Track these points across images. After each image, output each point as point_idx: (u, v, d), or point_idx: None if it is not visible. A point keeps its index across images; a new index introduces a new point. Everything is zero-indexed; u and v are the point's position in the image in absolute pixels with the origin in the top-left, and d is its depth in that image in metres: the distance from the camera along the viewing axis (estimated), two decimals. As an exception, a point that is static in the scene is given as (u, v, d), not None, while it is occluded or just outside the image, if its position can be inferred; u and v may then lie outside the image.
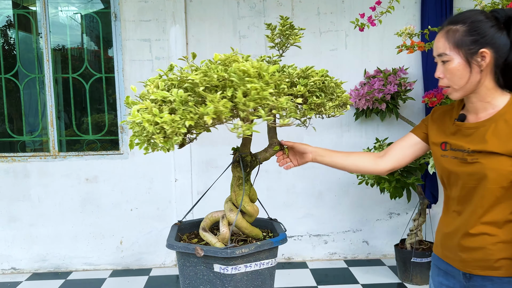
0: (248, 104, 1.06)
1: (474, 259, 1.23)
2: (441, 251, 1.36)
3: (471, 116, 1.28)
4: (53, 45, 3.48)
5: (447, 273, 1.35)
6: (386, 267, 3.43)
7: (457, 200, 1.28)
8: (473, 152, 1.21)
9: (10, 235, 3.44)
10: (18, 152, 3.49)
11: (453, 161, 1.26)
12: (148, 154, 3.80)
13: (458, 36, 1.19)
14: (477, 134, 1.22)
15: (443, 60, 1.22)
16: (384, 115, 3.28)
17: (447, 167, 1.28)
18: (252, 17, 3.41)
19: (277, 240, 1.42)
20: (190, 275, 1.40)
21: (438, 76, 1.25)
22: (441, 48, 1.21)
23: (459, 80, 1.20)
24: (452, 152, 1.27)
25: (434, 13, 3.33)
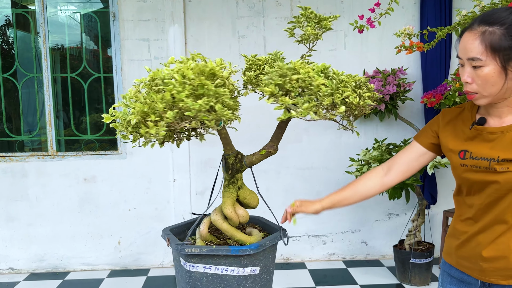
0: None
1: (496, 269, 1.19)
2: (455, 260, 1.30)
3: (492, 119, 1.19)
4: (51, 45, 3.47)
5: (461, 281, 1.30)
6: (385, 268, 3.42)
7: (479, 208, 1.21)
8: (503, 161, 1.12)
9: (7, 235, 3.43)
10: (16, 151, 3.48)
11: (475, 170, 1.18)
12: (146, 154, 3.76)
13: (495, 39, 1.07)
14: (503, 140, 1.14)
15: (474, 65, 1.10)
16: (383, 115, 3.27)
17: (469, 177, 1.20)
18: (251, 17, 3.40)
19: (237, 249, 1.37)
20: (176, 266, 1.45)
21: (466, 81, 1.14)
22: (474, 52, 1.09)
23: (491, 87, 1.10)
24: (473, 161, 1.18)
25: (433, 14, 3.32)
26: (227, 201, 1.54)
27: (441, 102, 2.84)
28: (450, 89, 3.01)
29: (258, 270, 1.42)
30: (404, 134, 3.47)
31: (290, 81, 1.29)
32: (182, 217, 3.45)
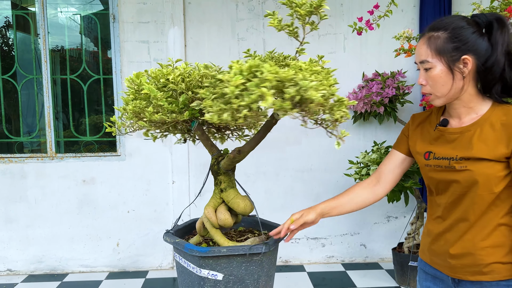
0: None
1: (463, 265, 1.24)
2: (428, 257, 1.35)
3: (453, 120, 1.26)
4: (51, 46, 3.48)
5: (435, 278, 1.35)
6: (384, 271, 3.42)
7: (444, 207, 1.27)
8: (461, 159, 1.19)
9: (6, 236, 3.42)
10: (15, 153, 3.48)
11: (438, 170, 1.25)
12: (145, 156, 3.76)
13: (439, 43, 1.18)
14: (462, 140, 1.21)
15: (425, 68, 1.21)
16: (382, 118, 3.27)
17: (433, 176, 1.27)
18: (251, 19, 3.41)
19: (188, 247, 1.42)
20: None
21: (420, 83, 1.24)
22: (423, 55, 1.20)
23: (442, 87, 1.19)
24: (435, 161, 1.25)
25: (432, 17, 3.33)
26: (209, 202, 1.57)
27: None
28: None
29: (221, 277, 1.41)
30: (403, 137, 3.47)
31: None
32: (181, 219, 3.44)
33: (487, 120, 1.19)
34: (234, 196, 1.56)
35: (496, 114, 1.19)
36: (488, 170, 1.16)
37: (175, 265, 3.52)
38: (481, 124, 1.19)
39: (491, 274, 1.20)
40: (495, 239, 1.20)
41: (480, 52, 1.16)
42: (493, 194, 1.18)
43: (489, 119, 1.19)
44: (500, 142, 1.16)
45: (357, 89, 3.38)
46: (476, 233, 1.21)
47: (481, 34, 1.17)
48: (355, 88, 3.41)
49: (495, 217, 1.20)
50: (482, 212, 1.20)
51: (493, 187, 1.17)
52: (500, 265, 1.19)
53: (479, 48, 1.16)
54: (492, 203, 1.19)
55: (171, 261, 3.53)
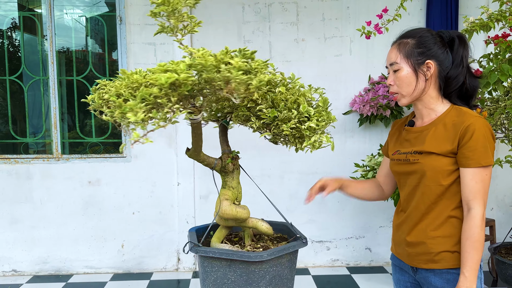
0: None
1: (418, 253, 1.36)
2: (394, 249, 1.49)
3: (418, 121, 1.42)
4: (58, 48, 3.49)
5: (401, 269, 1.48)
6: (389, 275, 3.40)
7: (404, 199, 1.42)
8: (414, 153, 1.35)
9: (11, 237, 3.43)
10: (21, 154, 3.49)
11: (398, 163, 1.41)
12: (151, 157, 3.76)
13: (408, 48, 1.34)
14: (420, 137, 1.36)
15: (394, 70, 1.35)
16: (388, 121, 3.26)
17: (395, 169, 1.44)
18: (257, 22, 3.41)
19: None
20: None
21: (388, 83, 1.39)
22: (393, 58, 1.36)
23: (407, 87, 1.34)
24: (397, 155, 1.42)
25: (439, 21, 3.32)
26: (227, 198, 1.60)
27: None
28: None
29: None
30: (409, 140, 3.46)
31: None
32: (186, 221, 3.45)
33: (442, 120, 1.33)
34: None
35: (451, 115, 1.33)
36: (435, 163, 1.30)
37: (179, 268, 3.51)
38: (437, 123, 1.34)
39: (441, 262, 1.32)
40: (445, 230, 1.32)
41: (442, 60, 1.33)
42: (441, 186, 1.30)
43: (444, 119, 1.33)
44: (447, 139, 1.29)
45: (363, 92, 3.38)
46: (428, 223, 1.33)
47: (443, 45, 1.34)
48: (361, 91, 3.40)
49: (446, 209, 1.32)
50: (432, 202, 1.33)
51: (441, 179, 1.30)
52: (449, 254, 1.31)
53: (440, 56, 1.33)
54: (441, 195, 1.31)
55: (176, 263, 3.53)
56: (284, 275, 1.42)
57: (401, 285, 1.49)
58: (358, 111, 3.29)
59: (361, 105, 3.21)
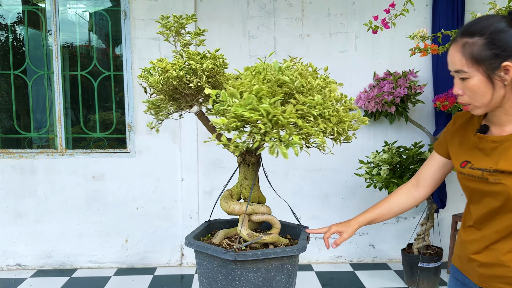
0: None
1: (493, 275, 1.18)
2: (459, 264, 1.31)
3: (495, 128, 1.17)
4: (62, 43, 3.48)
5: (464, 285, 1.31)
6: (392, 271, 3.40)
7: (478, 217, 1.21)
8: (495, 172, 1.11)
9: (15, 231, 3.44)
10: (26, 148, 3.50)
11: (471, 179, 1.18)
12: (155, 153, 3.76)
13: (476, 51, 1.06)
14: (500, 150, 1.12)
15: (461, 77, 1.10)
16: (393, 118, 3.25)
17: (467, 185, 1.22)
18: (262, 17, 3.39)
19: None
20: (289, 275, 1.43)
21: (456, 93, 1.14)
22: (458, 64, 1.09)
23: (481, 97, 1.10)
24: (469, 171, 1.18)
25: (445, 16, 3.30)
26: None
27: (454, 105, 2.82)
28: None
29: None
30: (414, 137, 3.45)
31: None
32: (190, 216, 3.45)
33: None
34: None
35: None
36: None
37: (183, 263, 3.52)
38: None
39: None
40: None
41: None
42: None
43: None
44: None
45: (368, 88, 3.36)
46: (509, 245, 1.15)
47: None
48: (366, 87, 3.39)
49: None
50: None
51: None
52: None
53: None
54: None
55: (179, 258, 3.53)
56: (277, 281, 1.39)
57: None
58: (363, 108, 3.27)
59: (366, 102, 3.20)
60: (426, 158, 2.94)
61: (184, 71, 1.38)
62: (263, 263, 1.34)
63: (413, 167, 2.88)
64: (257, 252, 1.35)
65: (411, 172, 2.89)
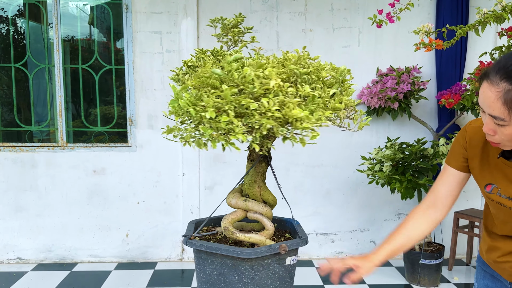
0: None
1: None
2: (486, 259, 1.27)
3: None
4: (63, 36, 3.46)
5: (493, 277, 1.27)
6: (394, 268, 3.39)
7: (506, 232, 1.17)
8: None
9: (16, 225, 3.43)
10: (26, 142, 3.48)
11: (501, 207, 1.13)
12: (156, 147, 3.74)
13: None
14: None
15: (497, 123, 1.00)
16: (396, 114, 3.23)
17: (495, 211, 1.17)
18: (264, 11, 3.37)
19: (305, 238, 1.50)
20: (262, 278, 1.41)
21: (488, 132, 1.04)
22: (496, 112, 0.97)
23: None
24: (499, 198, 1.12)
25: (449, 12, 3.27)
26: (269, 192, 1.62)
27: (459, 103, 2.80)
28: (466, 88, 2.97)
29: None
30: (417, 133, 3.43)
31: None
32: (191, 211, 3.44)
33: None
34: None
35: None
36: None
37: (184, 258, 3.51)
38: None
39: None
40: None
41: None
42: None
43: None
44: None
45: (371, 84, 3.34)
46: None
47: None
48: (369, 83, 3.37)
49: None
50: None
51: None
52: None
53: None
54: None
55: (180, 253, 3.53)
56: (230, 280, 1.40)
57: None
58: (365, 103, 3.25)
59: (369, 97, 3.18)
60: (428, 155, 2.92)
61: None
62: (215, 258, 1.35)
63: (415, 164, 2.86)
64: (203, 244, 1.37)
65: (413, 168, 2.88)
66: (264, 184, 1.55)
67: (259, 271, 1.35)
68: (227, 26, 1.55)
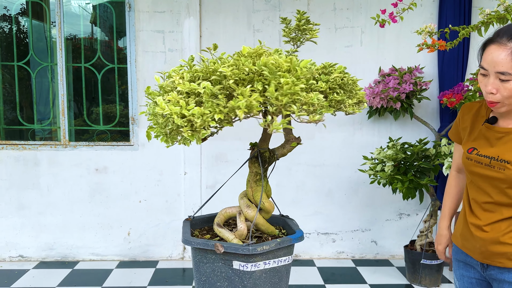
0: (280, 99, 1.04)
1: (495, 253, 1.27)
2: (460, 242, 1.40)
3: (503, 120, 1.26)
4: (65, 34, 3.47)
5: (466, 264, 1.40)
6: (394, 268, 3.40)
7: (483, 199, 1.30)
8: (501, 161, 1.21)
9: (18, 223, 3.44)
10: (29, 140, 3.49)
11: (477, 165, 1.28)
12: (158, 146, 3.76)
13: None
14: (505, 141, 1.22)
15: (502, 79, 1.14)
16: (398, 114, 3.23)
17: (471, 170, 1.31)
18: (267, 11, 3.37)
19: (296, 237, 1.41)
20: (207, 272, 1.38)
21: (490, 91, 1.18)
22: (504, 67, 1.12)
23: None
24: (477, 157, 1.28)
25: (452, 12, 3.27)
26: (263, 195, 1.55)
27: (461, 102, 2.80)
28: (468, 89, 2.97)
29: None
30: (419, 134, 3.43)
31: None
32: (192, 210, 3.45)
33: None
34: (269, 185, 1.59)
35: None
36: None
37: (185, 256, 3.52)
38: None
39: None
40: None
41: None
42: None
43: None
44: None
45: (373, 84, 3.34)
46: (507, 225, 1.24)
47: None
48: (371, 83, 3.37)
49: None
50: None
51: None
52: None
53: None
54: None
55: (181, 251, 3.54)
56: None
57: (465, 281, 1.42)
58: (367, 103, 3.26)
59: (371, 97, 3.18)
60: (430, 155, 2.92)
61: None
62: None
63: (417, 164, 2.86)
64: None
65: (415, 168, 2.88)
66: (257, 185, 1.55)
67: (203, 263, 1.40)
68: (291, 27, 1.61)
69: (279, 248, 1.39)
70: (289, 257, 1.45)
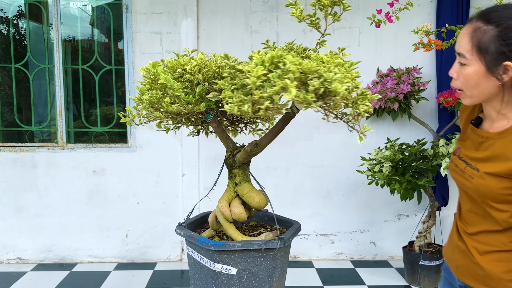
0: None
1: (466, 269, 1.14)
2: (447, 253, 1.27)
3: (486, 122, 1.13)
4: (63, 36, 3.47)
5: (451, 284, 1.25)
6: (393, 269, 3.38)
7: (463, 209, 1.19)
8: (474, 169, 1.08)
9: (16, 225, 3.44)
10: (26, 142, 3.49)
11: (455, 169, 1.17)
12: (156, 148, 3.75)
13: (484, 40, 0.98)
14: (483, 147, 1.09)
15: (460, 62, 1.05)
16: (396, 114, 3.22)
17: (451, 173, 1.20)
18: (264, 12, 3.37)
19: (202, 241, 1.43)
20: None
21: (451, 75, 1.10)
22: (462, 47, 1.03)
23: (472, 89, 1.05)
24: (457, 160, 1.17)
25: (450, 12, 3.26)
26: (223, 196, 1.56)
27: (458, 102, 2.79)
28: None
29: (235, 272, 1.40)
30: (417, 134, 3.42)
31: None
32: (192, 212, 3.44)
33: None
34: (249, 190, 1.54)
35: None
36: (495, 185, 1.02)
37: (183, 258, 3.51)
38: (507, 135, 1.04)
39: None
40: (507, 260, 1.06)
41: None
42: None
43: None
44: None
45: (371, 84, 3.33)
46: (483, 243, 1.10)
47: None
48: (369, 83, 3.36)
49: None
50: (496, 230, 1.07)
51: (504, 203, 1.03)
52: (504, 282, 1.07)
53: None
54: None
55: (180, 253, 3.53)
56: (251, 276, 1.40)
57: None
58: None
59: (368, 98, 3.17)
60: (428, 156, 2.91)
61: None
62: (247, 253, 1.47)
63: (415, 165, 2.85)
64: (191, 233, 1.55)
65: (413, 169, 2.87)
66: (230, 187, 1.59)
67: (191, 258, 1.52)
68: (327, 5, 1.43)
69: (193, 243, 1.48)
70: (210, 262, 1.41)
